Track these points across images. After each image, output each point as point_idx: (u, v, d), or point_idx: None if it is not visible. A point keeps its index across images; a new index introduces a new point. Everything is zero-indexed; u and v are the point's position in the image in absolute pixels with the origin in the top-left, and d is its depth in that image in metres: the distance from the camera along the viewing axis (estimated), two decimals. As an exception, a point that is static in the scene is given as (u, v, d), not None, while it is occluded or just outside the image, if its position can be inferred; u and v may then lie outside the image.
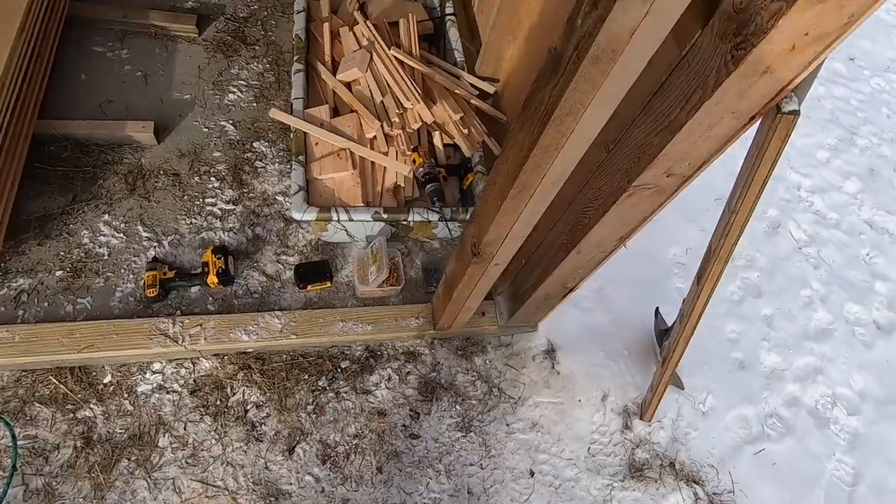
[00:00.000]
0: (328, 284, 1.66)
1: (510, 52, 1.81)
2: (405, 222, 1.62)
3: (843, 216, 2.70)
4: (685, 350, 1.65)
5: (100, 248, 1.60)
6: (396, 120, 1.63)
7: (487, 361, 1.76)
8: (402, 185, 1.64)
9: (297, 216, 1.48)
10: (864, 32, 4.00)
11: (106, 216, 1.64)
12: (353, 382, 1.64)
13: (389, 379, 1.67)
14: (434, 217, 1.59)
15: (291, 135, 1.67)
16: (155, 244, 1.64)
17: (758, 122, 0.88)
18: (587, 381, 1.79)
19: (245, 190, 1.79)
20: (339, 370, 1.65)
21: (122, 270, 1.57)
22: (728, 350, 2.07)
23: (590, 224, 1.14)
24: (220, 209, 1.74)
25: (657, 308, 1.91)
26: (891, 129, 3.25)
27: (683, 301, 1.65)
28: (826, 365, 2.15)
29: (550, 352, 1.81)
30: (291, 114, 1.68)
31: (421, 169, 1.63)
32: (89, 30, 1.96)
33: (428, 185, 1.61)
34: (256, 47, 2.12)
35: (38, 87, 1.71)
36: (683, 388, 1.88)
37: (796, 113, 0.80)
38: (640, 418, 1.78)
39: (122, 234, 1.63)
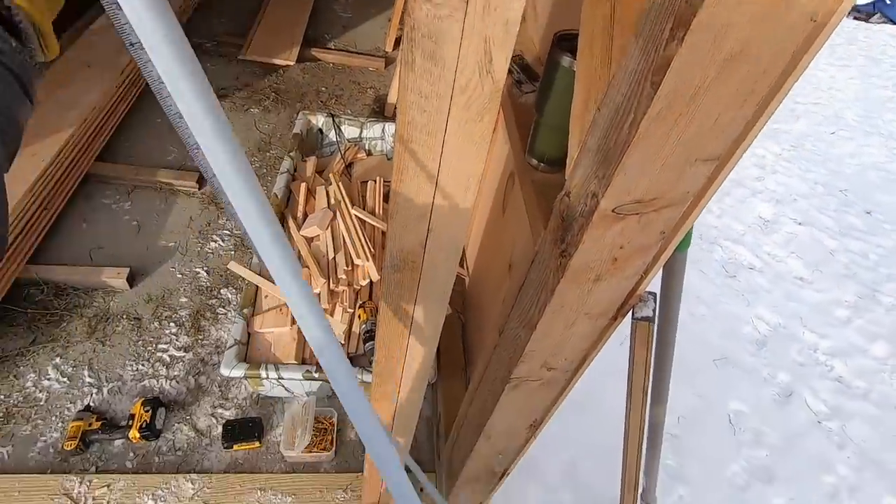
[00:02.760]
0: (257, 445, 1.56)
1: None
2: (342, 381, 1.55)
3: (871, 385, 2.39)
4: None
5: (40, 392, 1.60)
6: (343, 276, 1.66)
7: (426, 548, 1.53)
8: (344, 342, 1.60)
9: (224, 372, 1.45)
10: (880, 185, 3.93)
11: (58, 359, 1.68)
12: (267, 565, 1.45)
13: (309, 563, 1.47)
14: (368, 378, 1.52)
15: (245, 286, 1.71)
16: (94, 390, 1.63)
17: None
18: (542, 585, 1.51)
19: (200, 336, 1.81)
20: (254, 548, 1.47)
21: (53, 418, 1.55)
22: (729, 552, 1.73)
23: (489, 409, 1.03)
24: (170, 356, 1.75)
25: (625, 496, 1.65)
26: (919, 288, 3.01)
27: None
28: (863, 581, 1.74)
29: (500, 542, 1.56)
30: (250, 266, 1.75)
31: (364, 325, 1.61)
32: (103, 184, 2.22)
33: (368, 343, 1.57)
34: (248, 200, 2.30)
35: (37, 235, 1.89)
36: None
37: (650, 320, 0.73)
38: None
39: (66, 379, 1.64)
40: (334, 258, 1.73)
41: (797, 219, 3.36)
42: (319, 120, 2.39)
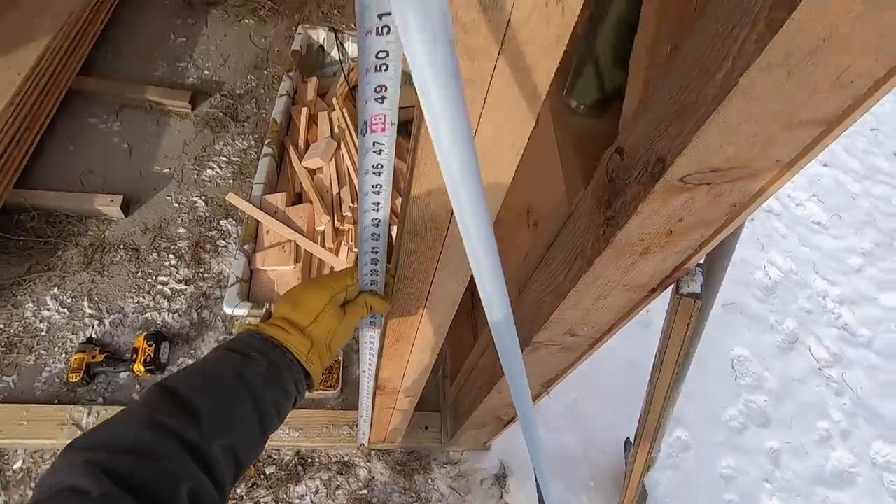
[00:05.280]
0: (262, 380, 1.56)
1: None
2: (348, 321, 1.52)
3: (876, 334, 2.39)
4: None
5: (40, 322, 1.58)
6: (349, 214, 1.57)
7: (430, 481, 1.58)
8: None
9: (227, 310, 1.41)
10: (913, 126, 3.72)
11: (56, 289, 1.64)
12: (276, 492, 1.50)
13: (317, 492, 1.52)
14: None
15: (244, 220, 1.63)
16: (96, 322, 1.60)
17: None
18: (540, 518, 1.57)
19: (201, 269, 1.76)
20: (262, 476, 1.51)
21: (56, 349, 1.54)
22: (720, 489, 1.79)
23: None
24: (170, 289, 1.70)
25: (627, 440, 1.68)
26: (940, 238, 2.92)
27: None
28: (844, 519, 1.82)
29: (501, 477, 1.61)
30: (250, 199, 1.65)
31: (370, 266, 1.54)
32: (88, 102, 2.06)
33: (374, 285, 1.51)
34: (246, 124, 2.15)
35: (22, 156, 1.77)
36: (657, 535, 1.61)
37: (696, 296, 0.65)
38: (601, 569, 1.53)
39: (66, 310, 1.60)
40: (339, 193, 1.63)
41: (823, 159, 3.20)
42: (320, 35, 2.18)
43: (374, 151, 0.45)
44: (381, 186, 0.48)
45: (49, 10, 1.93)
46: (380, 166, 0.45)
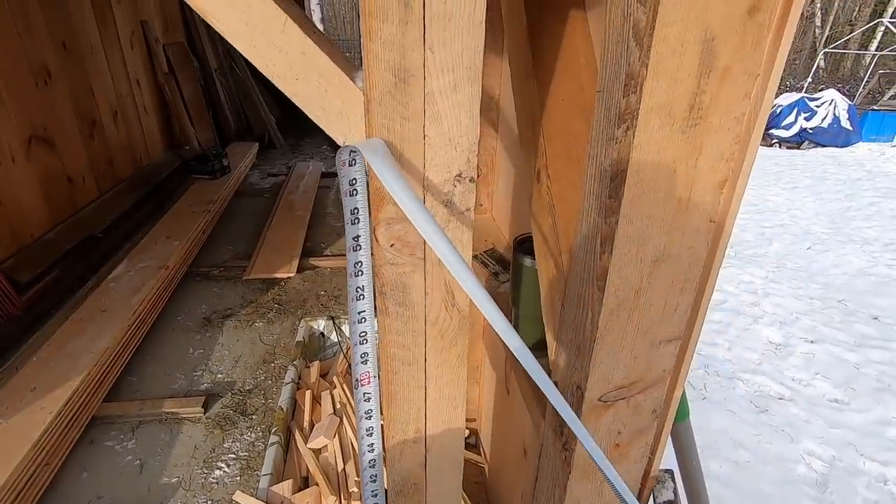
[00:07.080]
0: None
1: (477, 391, 1.85)
2: None
3: (966, 514, 2.10)
4: None
5: None
6: (355, 489, 1.56)
7: None
8: (363, 569, 1.44)
9: None
10: (874, 289, 3.99)
11: None
12: None
13: None
14: None
15: (251, 519, 1.59)
16: None
17: (658, 503, 0.76)
18: None
19: (203, 590, 1.61)
20: None
21: None
22: None
23: None
24: None
25: None
26: (962, 390, 2.85)
27: None
28: None
29: None
30: (257, 493, 1.64)
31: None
32: (107, 426, 2.19)
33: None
34: (254, 416, 2.26)
35: (32, 498, 1.80)
36: None
37: (673, 503, 0.69)
38: None
39: None
40: (344, 469, 1.64)
41: (808, 337, 3.32)
42: (320, 324, 2.50)
43: (364, 401, 0.57)
44: (372, 429, 0.59)
45: (88, 350, 2.24)
46: (370, 412, 0.57)
